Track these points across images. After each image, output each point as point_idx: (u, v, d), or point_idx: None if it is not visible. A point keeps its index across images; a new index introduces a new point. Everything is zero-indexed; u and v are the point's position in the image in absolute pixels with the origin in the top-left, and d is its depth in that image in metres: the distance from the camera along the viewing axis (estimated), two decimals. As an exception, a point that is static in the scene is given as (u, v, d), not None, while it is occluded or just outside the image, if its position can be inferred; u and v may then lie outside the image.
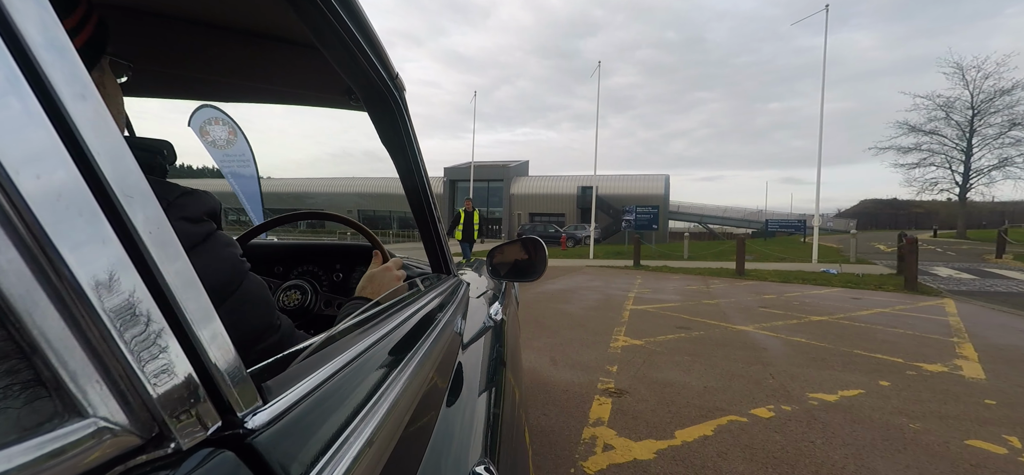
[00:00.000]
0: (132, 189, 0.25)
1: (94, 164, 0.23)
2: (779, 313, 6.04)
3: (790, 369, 3.66)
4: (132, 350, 0.23)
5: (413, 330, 0.67)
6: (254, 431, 0.30)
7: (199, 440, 0.26)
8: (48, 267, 0.20)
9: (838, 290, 8.28)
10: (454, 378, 0.75)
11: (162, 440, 0.24)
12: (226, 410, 0.29)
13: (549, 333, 4.77)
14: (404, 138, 0.97)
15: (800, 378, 3.45)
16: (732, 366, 3.72)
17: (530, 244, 1.55)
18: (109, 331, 0.22)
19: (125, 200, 0.24)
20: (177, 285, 0.26)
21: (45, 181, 0.20)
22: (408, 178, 1.04)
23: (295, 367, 0.40)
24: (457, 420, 0.65)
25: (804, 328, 5.14)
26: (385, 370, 0.51)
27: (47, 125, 0.21)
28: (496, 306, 1.40)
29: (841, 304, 6.80)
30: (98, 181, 0.23)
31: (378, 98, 0.91)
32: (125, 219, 0.24)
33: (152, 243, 0.25)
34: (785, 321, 5.52)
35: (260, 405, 0.32)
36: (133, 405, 0.23)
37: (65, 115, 0.22)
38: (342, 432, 0.38)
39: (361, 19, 0.69)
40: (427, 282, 1.06)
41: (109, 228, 0.23)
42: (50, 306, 0.20)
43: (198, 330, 0.27)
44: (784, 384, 3.30)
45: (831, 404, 2.95)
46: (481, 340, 1.05)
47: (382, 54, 0.80)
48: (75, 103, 0.23)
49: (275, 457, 0.30)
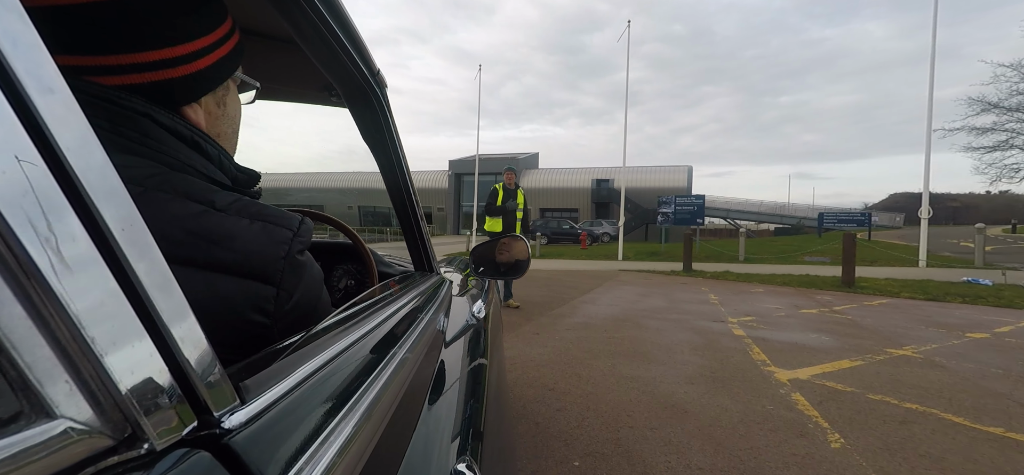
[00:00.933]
0: (103, 185, 0.24)
1: (63, 159, 0.22)
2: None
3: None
4: (103, 349, 0.22)
5: (395, 329, 0.67)
6: (231, 431, 0.29)
7: (174, 441, 0.26)
8: (14, 264, 0.19)
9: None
10: (436, 376, 0.75)
11: (135, 441, 0.24)
12: (202, 410, 0.28)
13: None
14: (386, 135, 0.97)
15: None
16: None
17: (514, 240, 1.55)
18: (79, 330, 0.21)
19: (95, 196, 0.24)
20: (150, 283, 0.26)
21: (10, 176, 0.20)
22: (390, 175, 1.03)
23: (274, 366, 0.39)
24: (439, 418, 0.65)
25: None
26: (366, 369, 0.51)
27: (12, 119, 0.21)
28: (479, 304, 1.40)
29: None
30: (67, 177, 0.23)
31: (359, 95, 0.90)
32: (96, 216, 0.24)
33: (124, 240, 0.25)
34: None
35: (237, 405, 0.31)
36: (104, 405, 0.22)
37: (31, 109, 0.21)
38: (321, 432, 0.37)
39: (342, 15, 0.68)
40: (409, 280, 1.05)
41: (79, 225, 0.23)
42: (16, 304, 0.20)
43: (173, 328, 0.27)
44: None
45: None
46: (463, 338, 1.05)
47: (363, 50, 0.79)
48: (42, 96, 0.22)
49: (252, 457, 0.29)
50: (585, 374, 3.40)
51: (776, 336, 4.73)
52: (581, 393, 3.00)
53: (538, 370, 3.50)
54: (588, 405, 2.80)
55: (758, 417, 2.67)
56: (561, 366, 3.60)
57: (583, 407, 2.77)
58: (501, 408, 1.07)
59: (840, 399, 2.98)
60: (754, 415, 2.70)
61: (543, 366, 3.60)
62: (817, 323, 5.42)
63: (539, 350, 4.07)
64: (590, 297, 7.21)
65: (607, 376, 3.36)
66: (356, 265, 1.55)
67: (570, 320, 5.36)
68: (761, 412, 2.74)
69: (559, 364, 3.65)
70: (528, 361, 3.74)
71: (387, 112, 0.94)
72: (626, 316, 5.69)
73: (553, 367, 3.56)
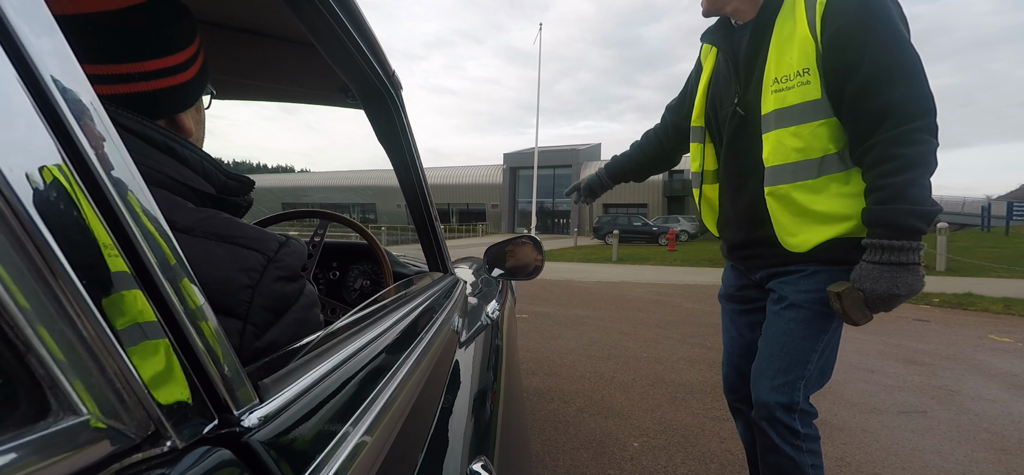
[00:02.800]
0: (127, 187, 0.25)
1: (89, 163, 0.23)
2: None
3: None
4: (128, 349, 0.23)
5: (410, 328, 0.67)
6: (250, 429, 0.30)
7: (195, 438, 0.26)
8: (43, 266, 0.20)
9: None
10: (451, 376, 0.76)
11: (158, 438, 0.24)
12: (222, 408, 0.29)
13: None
14: (400, 135, 0.97)
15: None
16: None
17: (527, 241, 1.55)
18: (105, 330, 0.22)
19: (119, 198, 0.24)
20: (173, 283, 0.26)
21: (40, 180, 0.20)
22: (405, 175, 1.04)
23: (291, 365, 0.40)
24: (454, 418, 0.65)
25: None
26: (382, 368, 0.51)
27: (42, 124, 0.21)
28: (493, 304, 1.41)
29: None
30: (93, 179, 0.23)
31: (374, 96, 0.91)
32: (121, 218, 0.24)
33: (147, 242, 0.25)
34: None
35: (256, 403, 0.32)
36: (129, 403, 0.23)
37: (60, 114, 0.22)
38: (338, 430, 0.38)
39: (357, 17, 0.69)
40: (424, 280, 1.06)
41: (105, 227, 0.23)
42: (46, 304, 0.20)
43: (194, 328, 0.27)
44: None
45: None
46: (478, 338, 1.05)
47: (378, 52, 0.80)
48: (70, 102, 0.23)
49: (271, 455, 0.30)
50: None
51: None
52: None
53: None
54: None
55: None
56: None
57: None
58: (516, 408, 1.07)
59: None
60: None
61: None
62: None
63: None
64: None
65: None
66: (371, 265, 1.56)
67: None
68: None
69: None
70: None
71: (402, 113, 0.95)
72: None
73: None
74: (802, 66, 1.07)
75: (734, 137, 1.23)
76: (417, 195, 1.07)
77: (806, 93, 1.07)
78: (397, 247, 10.43)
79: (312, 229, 1.38)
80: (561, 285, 7.92)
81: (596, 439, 2.31)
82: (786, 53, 1.10)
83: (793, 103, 1.09)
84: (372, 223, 34.00)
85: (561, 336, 4.30)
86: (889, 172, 0.99)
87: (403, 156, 1.00)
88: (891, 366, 3.48)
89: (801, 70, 1.07)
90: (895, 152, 0.98)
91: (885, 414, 2.64)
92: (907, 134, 0.98)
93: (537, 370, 3.32)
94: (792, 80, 1.09)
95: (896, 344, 4.06)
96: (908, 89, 0.99)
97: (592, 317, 5.25)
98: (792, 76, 1.09)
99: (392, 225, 29.43)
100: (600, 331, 4.55)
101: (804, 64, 1.07)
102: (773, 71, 1.12)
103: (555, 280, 8.50)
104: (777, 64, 1.11)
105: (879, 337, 4.24)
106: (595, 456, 2.15)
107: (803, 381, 1.16)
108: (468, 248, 3.88)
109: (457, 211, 41.59)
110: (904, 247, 0.99)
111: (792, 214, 1.12)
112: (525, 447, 1.10)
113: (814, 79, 1.06)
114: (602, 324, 4.88)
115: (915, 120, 0.98)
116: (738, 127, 1.22)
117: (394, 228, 27.13)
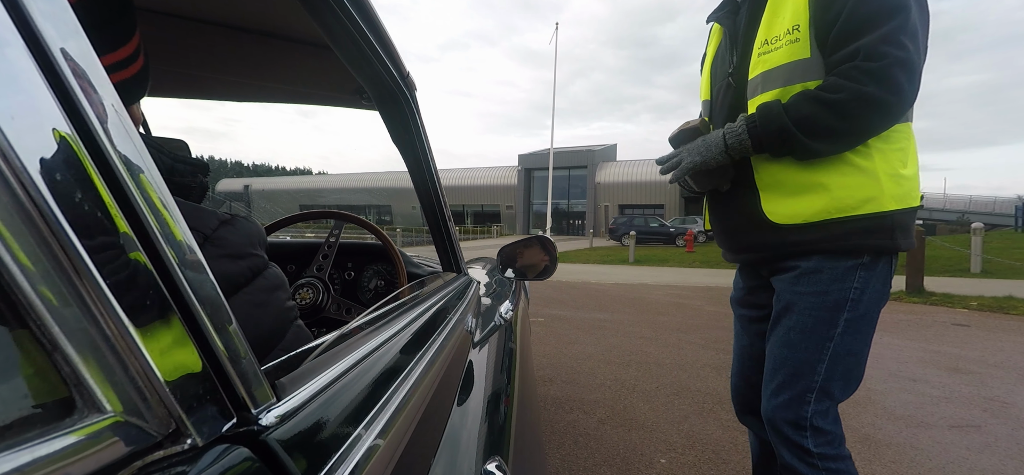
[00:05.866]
0: (147, 186, 0.25)
1: (111, 162, 0.23)
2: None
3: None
4: (149, 348, 0.23)
5: (424, 328, 0.68)
6: (268, 427, 0.30)
7: (214, 436, 0.27)
8: (67, 265, 0.20)
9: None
10: (465, 376, 0.76)
11: (179, 436, 0.25)
12: (241, 407, 0.29)
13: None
14: (415, 137, 0.98)
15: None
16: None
17: (542, 241, 1.55)
18: (127, 329, 0.22)
19: (140, 197, 0.25)
20: (192, 282, 0.27)
21: (63, 180, 0.21)
22: (419, 176, 1.04)
23: (308, 365, 0.40)
24: (469, 418, 0.65)
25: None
26: (396, 368, 0.52)
27: (65, 124, 0.21)
28: (507, 304, 1.41)
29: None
30: (115, 179, 0.24)
31: (389, 97, 0.91)
32: (141, 217, 0.24)
33: (167, 241, 0.26)
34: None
35: (274, 402, 0.32)
36: (151, 402, 0.23)
37: (82, 113, 0.22)
38: (354, 429, 0.38)
39: (372, 18, 0.69)
40: (437, 280, 1.06)
41: (126, 226, 0.24)
42: (70, 304, 0.20)
43: (213, 328, 0.27)
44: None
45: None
46: (492, 338, 1.05)
47: (393, 53, 0.80)
48: (92, 102, 0.23)
49: (288, 453, 0.30)
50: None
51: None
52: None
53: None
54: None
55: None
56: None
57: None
58: (530, 408, 1.06)
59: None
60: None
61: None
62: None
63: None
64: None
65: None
66: (386, 265, 1.57)
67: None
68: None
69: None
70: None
71: (416, 114, 0.95)
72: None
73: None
74: (793, 23, 1.04)
75: (730, 110, 1.19)
76: (431, 195, 1.07)
77: (793, 52, 1.04)
78: (411, 248, 10.55)
79: (328, 230, 1.39)
80: (577, 287, 7.83)
81: (620, 455, 2.17)
82: (779, 13, 1.07)
83: (778, 63, 1.06)
84: (387, 225, 34.14)
85: (579, 341, 4.18)
86: (815, 96, 0.99)
87: (417, 157, 1.01)
88: (934, 374, 3.27)
89: (791, 27, 1.04)
90: (837, 82, 0.97)
91: (934, 428, 2.42)
92: (854, 71, 0.96)
93: (555, 378, 3.19)
94: (781, 39, 1.06)
95: (936, 350, 3.86)
96: (880, 33, 0.96)
97: (610, 320, 5.13)
98: (781, 36, 1.06)
99: (407, 227, 29.57)
100: (619, 335, 4.41)
101: (795, 21, 1.04)
102: (764, 33, 1.09)
103: (571, 282, 8.42)
104: (769, 26, 1.09)
105: (917, 342, 4.07)
106: (619, 474, 2.02)
107: (812, 393, 1.08)
108: (483, 249, 3.80)
109: (472, 212, 41.42)
110: (735, 131, 1.04)
111: (776, 181, 1.08)
112: (540, 448, 1.10)
113: (804, 36, 1.03)
114: (621, 328, 4.74)
115: (874, 61, 0.95)
116: (733, 100, 1.18)
117: (409, 230, 27.24)
